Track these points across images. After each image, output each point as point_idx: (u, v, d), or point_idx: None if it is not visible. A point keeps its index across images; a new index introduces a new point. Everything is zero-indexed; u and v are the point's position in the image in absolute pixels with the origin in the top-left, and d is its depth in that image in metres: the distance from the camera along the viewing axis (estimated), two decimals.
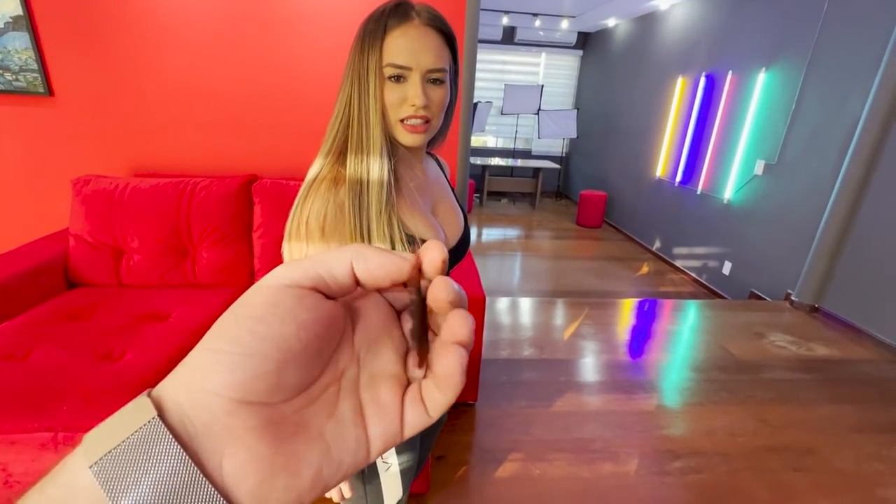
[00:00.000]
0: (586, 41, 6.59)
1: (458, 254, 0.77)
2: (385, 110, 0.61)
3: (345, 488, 0.76)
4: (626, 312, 2.95)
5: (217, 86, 2.02)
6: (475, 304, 1.61)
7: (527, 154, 7.08)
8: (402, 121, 0.62)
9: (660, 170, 4.55)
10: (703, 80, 3.83)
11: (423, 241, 0.65)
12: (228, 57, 1.99)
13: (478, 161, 6.19)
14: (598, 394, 1.97)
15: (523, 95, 6.06)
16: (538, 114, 6.11)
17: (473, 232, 5.20)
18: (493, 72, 6.60)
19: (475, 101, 5.90)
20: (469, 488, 1.45)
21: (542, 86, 6.19)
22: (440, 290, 0.19)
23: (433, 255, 0.19)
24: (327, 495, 0.77)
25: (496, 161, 6.38)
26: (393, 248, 0.62)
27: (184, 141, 2.09)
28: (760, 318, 2.79)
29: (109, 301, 1.68)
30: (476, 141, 7.09)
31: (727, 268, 3.56)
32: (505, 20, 5.93)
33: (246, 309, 0.19)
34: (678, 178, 4.20)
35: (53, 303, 1.64)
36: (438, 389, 0.19)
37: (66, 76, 1.95)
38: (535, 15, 5.88)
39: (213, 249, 1.85)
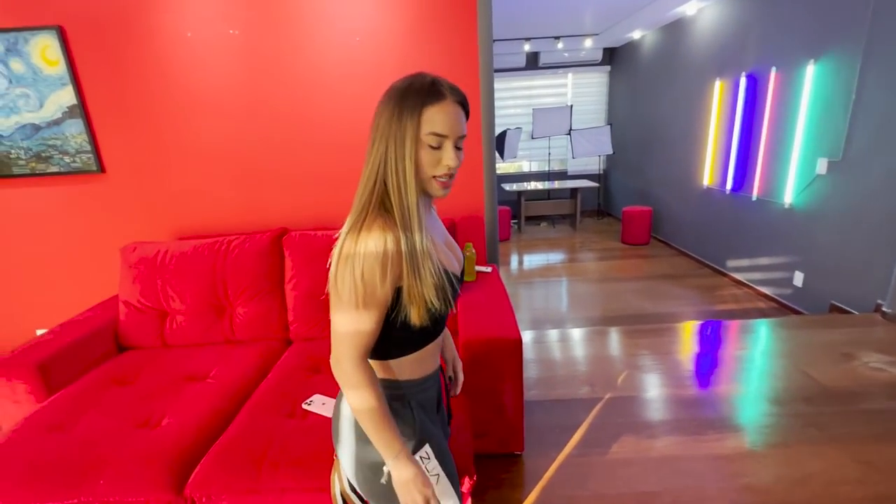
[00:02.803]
0: (613, 56, 6.48)
1: (461, 279, 0.87)
2: (419, 169, 0.73)
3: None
4: (687, 337, 2.70)
5: (244, 144, 2.12)
6: (509, 346, 1.50)
7: (563, 175, 6.93)
8: (434, 177, 0.74)
9: (707, 178, 4.27)
10: (743, 81, 3.60)
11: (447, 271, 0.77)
12: (253, 114, 2.08)
13: (513, 187, 6.12)
14: (662, 436, 1.76)
15: (553, 117, 5.99)
16: (570, 134, 5.99)
17: (514, 259, 5.08)
18: (521, 97, 6.60)
19: (504, 128, 5.91)
20: None
21: (571, 105, 6.09)
22: None
23: None
24: None
25: (532, 185, 6.28)
26: (442, 288, 0.74)
27: (219, 201, 2.19)
28: (847, 336, 2.44)
29: (154, 363, 1.73)
30: (510, 167, 7.05)
31: (799, 278, 3.21)
32: (527, 47, 5.96)
33: None
34: (728, 184, 3.91)
35: (104, 368, 1.71)
36: None
37: (115, 154, 2.11)
38: (557, 38, 5.87)
39: (249, 305, 1.87)
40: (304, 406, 1.41)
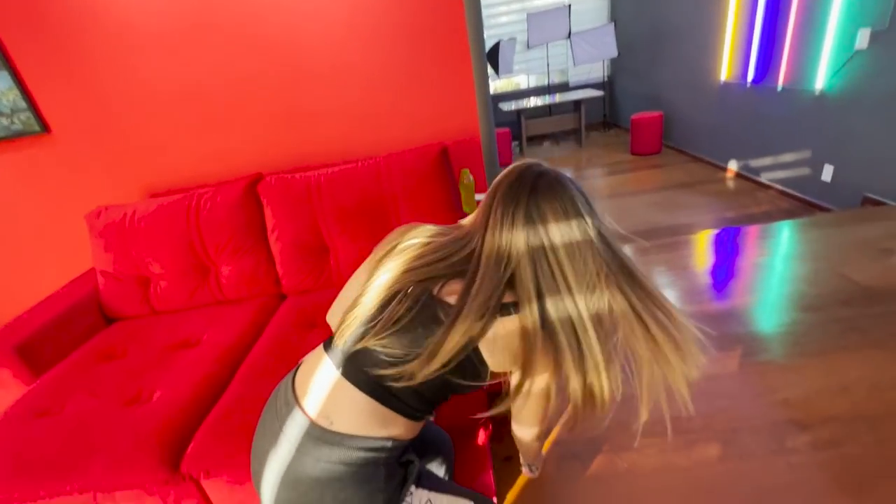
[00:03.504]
0: None
1: None
2: None
3: None
4: (706, 249, 2.53)
5: (204, 82, 1.84)
6: None
7: (564, 87, 6.40)
8: None
9: (725, 72, 3.84)
10: None
11: None
12: (208, 47, 1.78)
13: (512, 106, 5.68)
14: None
15: (549, 21, 5.37)
16: (570, 38, 5.41)
17: None
18: (513, 2, 5.91)
19: (496, 40, 5.34)
20: (544, 492, 1.25)
21: (570, 5, 5.44)
22: None
23: None
24: None
25: (532, 102, 5.81)
26: None
27: (186, 151, 1.96)
28: (885, 230, 2.25)
29: (142, 333, 1.63)
30: (507, 86, 6.52)
31: (828, 172, 2.95)
32: None
33: None
34: (750, 76, 3.51)
35: (91, 343, 1.62)
36: None
37: (57, 109, 1.86)
38: None
39: (232, 262, 1.73)
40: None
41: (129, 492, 1.09)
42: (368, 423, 0.65)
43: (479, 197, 1.95)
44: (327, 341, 0.74)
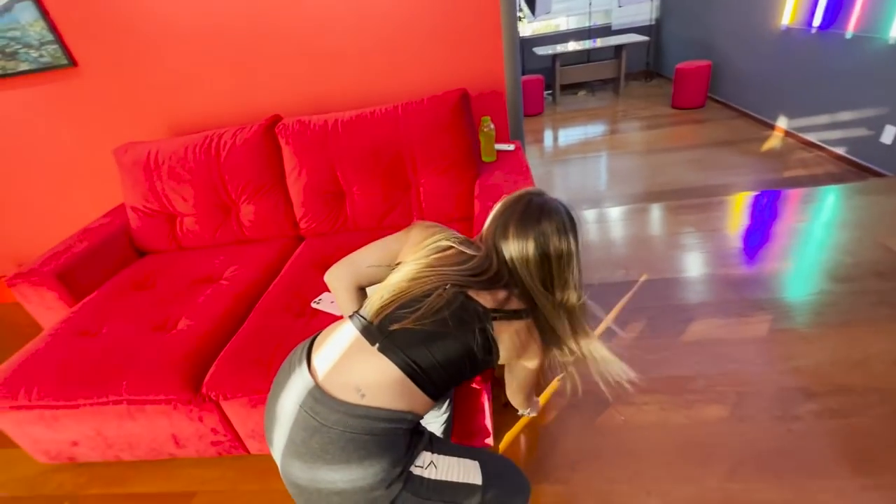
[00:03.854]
0: None
1: None
2: None
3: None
4: (740, 211, 2.41)
5: (227, 21, 1.80)
6: None
7: (606, 31, 5.93)
8: None
9: (788, 15, 3.46)
10: None
11: None
12: None
13: (548, 51, 5.33)
14: (700, 319, 1.63)
15: None
16: None
17: (549, 135, 4.63)
18: None
19: None
20: (539, 437, 1.30)
21: None
22: None
23: None
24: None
25: (571, 46, 5.43)
26: None
27: (209, 91, 1.96)
28: None
29: (170, 267, 1.72)
30: (545, 28, 6.10)
31: (889, 134, 2.69)
32: None
33: None
34: (816, 21, 3.15)
35: (125, 273, 1.72)
36: None
37: (83, 42, 1.87)
38: None
39: (252, 202, 1.77)
40: (313, 305, 1.35)
41: (157, 406, 1.20)
42: (397, 398, 0.71)
43: (500, 147, 1.89)
44: (355, 318, 0.79)
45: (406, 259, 0.83)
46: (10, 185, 2.25)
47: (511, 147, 1.90)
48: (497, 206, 0.86)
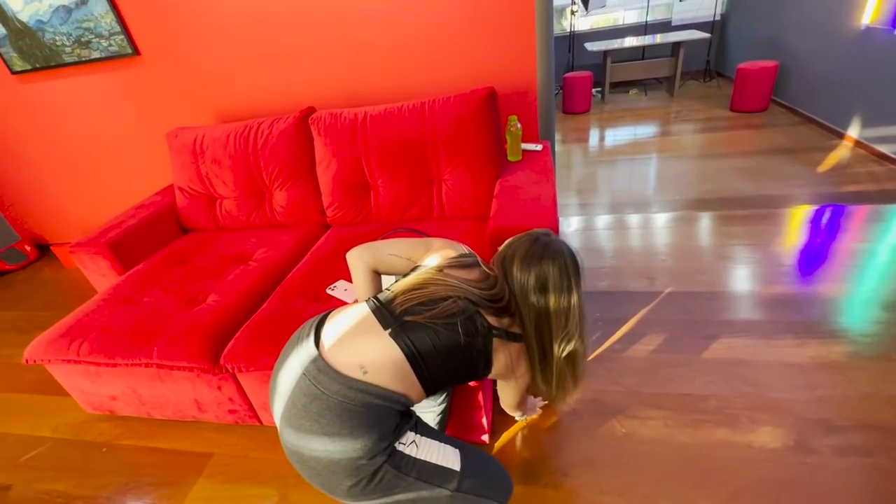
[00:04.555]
0: None
1: None
2: None
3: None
4: (794, 226, 2.25)
5: (270, 16, 1.89)
6: None
7: (665, 27, 5.64)
8: None
9: (869, 14, 3.14)
10: None
11: None
12: None
13: (601, 46, 5.15)
14: (723, 337, 1.55)
15: None
16: None
17: (594, 134, 4.49)
18: None
19: None
20: (537, 439, 1.31)
21: None
22: None
23: None
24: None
25: (627, 42, 5.20)
26: None
27: (251, 82, 2.07)
28: None
29: (208, 245, 1.85)
30: (602, 22, 5.89)
31: None
32: None
33: None
34: None
35: (169, 248, 1.88)
36: None
37: (145, 33, 2.03)
38: None
39: (284, 189, 1.86)
40: (328, 291, 1.42)
41: (182, 372, 1.31)
42: (396, 380, 0.77)
43: (527, 147, 1.88)
44: (370, 301, 0.86)
45: (428, 263, 0.90)
46: (80, 161, 2.50)
47: (538, 147, 1.87)
48: (506, 241, 0.94)
